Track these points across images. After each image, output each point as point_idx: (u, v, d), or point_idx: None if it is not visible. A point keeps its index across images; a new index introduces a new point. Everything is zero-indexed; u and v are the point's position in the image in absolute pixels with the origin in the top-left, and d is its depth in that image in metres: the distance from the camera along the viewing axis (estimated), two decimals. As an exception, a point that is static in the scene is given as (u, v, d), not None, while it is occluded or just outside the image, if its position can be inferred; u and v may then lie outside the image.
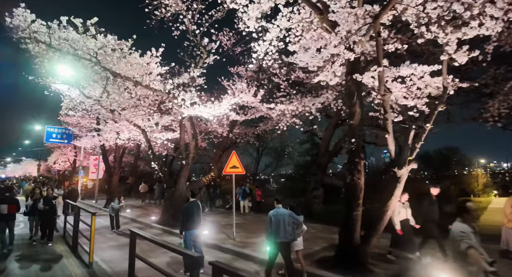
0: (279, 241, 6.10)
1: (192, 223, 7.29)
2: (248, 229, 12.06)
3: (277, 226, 6.13)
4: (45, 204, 9.62)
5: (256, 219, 14.41)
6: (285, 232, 6.10)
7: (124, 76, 10.52)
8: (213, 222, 13.55)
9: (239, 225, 12.53)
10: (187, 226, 7.26)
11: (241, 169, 10.35)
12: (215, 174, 14.12)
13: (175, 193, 12.83)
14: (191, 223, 7.27)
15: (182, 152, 13.07)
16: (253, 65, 10.71)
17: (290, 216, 6.21)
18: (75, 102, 19.18)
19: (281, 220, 6.14)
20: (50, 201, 9.84)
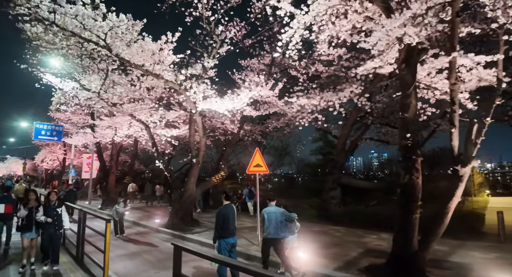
0: (271, 237, 6.34)
1: (227, 230, 6.08)
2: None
3: (269, 223, 6.35)
4: (47, 215, 6.56)
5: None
6: (277, 229, 6.30)
7: (134, 64, 9.18)
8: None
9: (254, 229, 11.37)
10: (223, 234, 6.05)
11: (265, 168, 9.23)
12: (225, 173, 12.89)
13: (184, 194, 11.54)
14: (226, 230, 6.07)
15: (192, 150, 11.79)
16: (278, 54, 9.56)
17: (283, 214, 6.37)
18: (68, 96, 17.67)
19: (274, 217, 6.34)
20: (55, 210, 6.70)
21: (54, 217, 6.65)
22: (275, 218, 6.36)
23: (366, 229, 11.03)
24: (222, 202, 6.39)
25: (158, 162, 12.62)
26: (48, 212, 6.64)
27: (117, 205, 10.59)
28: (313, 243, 8.87)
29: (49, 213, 6.62)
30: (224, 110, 10.64)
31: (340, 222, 11.85)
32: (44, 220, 6.49)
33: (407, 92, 6.88)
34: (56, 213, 6.74)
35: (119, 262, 7.75)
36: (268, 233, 6.38)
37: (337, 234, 10.60)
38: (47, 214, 6.60)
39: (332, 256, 7.89)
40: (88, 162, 19.80)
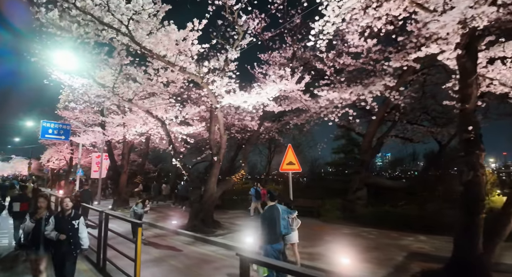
0: None
1: (274, 235, 5.31)
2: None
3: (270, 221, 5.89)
4: (60, 229, 4.75)
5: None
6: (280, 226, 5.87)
7: (156, 55, 8.40)
8: (240, 225, 11.52)
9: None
10: (269, 239, 5.28)
11: (297, 166, 8.48)
12: (246, 172, 12.10)
13: (205, 195, 10.76)
14: (273, 235, 5.29)
15: (212, 147, 11.01)
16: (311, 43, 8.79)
17: (285, 211, 6.12)
18: (77, 94, 16.92)
19: (275, 215, 5.88)
20: (70, 222, 4.89)
21: (69, 233, 4.79)
22: (276, 215, 5.96)
23: (398, 230, 10.28)
24: (266, 203, 5.60)
25: (175, 161, 11.82)
26: (62, 225, 4.78)
27: (134, 206, 9.77)
28: (350, 246, 8.15)
29: (63, 227, 4.77)
30: (249, 105, 9.88)
31: (368, 224, 11.07)
32: (55, 236, 4.68)
33: (468, 81, 6.15)
34: (72, 227, 4.86)
35: (145, 269, 6.94)
36: None
37: (370, 236, 9.83)
38: (59, 228, 4.76)
39: (376, 261, 7.17)
40: (97, 161, 18.99)
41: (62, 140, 22.91)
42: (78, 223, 4.97)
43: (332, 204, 12.23)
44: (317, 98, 10.94)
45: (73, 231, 4.86)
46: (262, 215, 5.43)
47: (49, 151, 29.27)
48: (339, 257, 7.12)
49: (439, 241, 9.06)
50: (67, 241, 4.76)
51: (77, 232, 4.92)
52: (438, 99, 15.27)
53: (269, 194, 5.57)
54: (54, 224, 4.78)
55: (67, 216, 4.91)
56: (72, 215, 4.95)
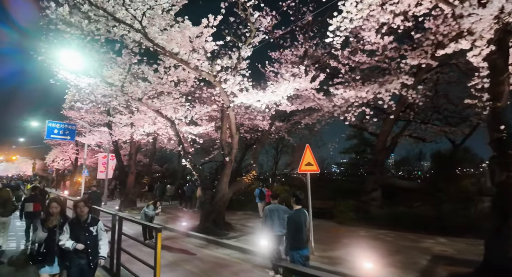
0: (274, 234, 6.41)
1: (301, 240, 5.02)
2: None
3: (272, 220, 6.43)
4: (77, 238, 4.15)
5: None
6: (279, 226, 6.30)
7: (169, 52, 8.10)
8: (252, 227, 11.23)
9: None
10: (296, 244, 4.99)
11: (316, 167, 8.20)
12: (257, 173, 11.80)
13: (216, 196, 10.48)
14: (300, 240, 5.00)
15: (224, 147, 10.71)
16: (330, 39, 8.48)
17: (285, 211, 6.37)
18: (84, 93, 16.66)
19: (276, 215, 6.42)
20: (87, 229, 4.27)
21: (87, 241, 4.15)
22: (277, 215, 6.44)
23: (416, 232, 10.01)
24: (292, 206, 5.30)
25: (184, 161, 11.55)
26: (78, 233, 4.16)
27: (146, 208, 9.50)
28: (369, 250, 7.86)
29: (80, 236, 4.15)
30: (262, 104, 9.60)
31: (384, 225, 10.76)
32: (71, 246, 4.03)
33: (500, 78, 5.86)
34: (90, 235, 4.22)
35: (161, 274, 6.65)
36: (275, 231, 6.41)
37: (388, 238, 9.52)
38: (76, 236, 4.13)
39: (400, 265, 6.88)
40: (103, 161, 18.72)
41: (68, 140, 22.68)
42: (97, 229, 4.33)
43: (345, 206, 11.89)
44: (331, 97, 10.63)
45: (91, 239, 4.23)
46: (288, 218, 5.13)
47: (54, 151, 29.04)
48: (361, 261, 6.83)
49: (460, 243, 8.78)
50: (85, 251, 4.14)
51: (96, 240, 4.28)
52: (450, 98, 14.97)
53: (295, 197, 5.25)
54: (69, 232, 4.14)
55: (83, 222, 4.25)
56: (89, 220, 4.30)
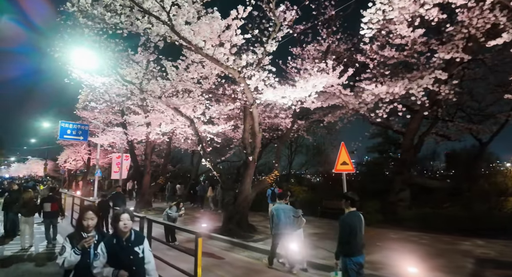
0: (280, 232, 6.53)
1: (356, 246, 4.54)
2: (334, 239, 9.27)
3: (278, 220, 6.51)
4: (116, 262, 2.98)
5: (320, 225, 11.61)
6: (285, 225, 6.48)
7: (195, 46, 7.66)
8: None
9: (317, 235, 9.80)
10: (350, 250, 4.50)
11: (351, 167, 7.72)
12: (279, 173, 11.32)
13: (239, 196, 10.02)
14: (354, 246, 4.51)
15: (246, 146, 10.25)
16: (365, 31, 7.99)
17: (291, 210, 6.57)
18: (98, 93, 16.35)
19: (282, 214, 6.50)
20: (132, 250, 3.08)
21: (132, 267, 2.99)
22: (284, 214, 6.54)
23: (448, 234, 9.49)
24: (345, 210, 4.81)
25: (204, 161, 11.09)
26: (119, 256, 2.99)
27: (168, 209, 9.06)
28: (407, 253, 7.44)
29: (121, 259, 2.99)
30: (288, 101, 9.14)
31: (413, 227, 10.25)
32: (112, 275, 2.90)
33: None
34: (135, 258, 3.05)
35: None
36: (278, 229, 6.55)
37: (422, 241, 8.99)
38: (116, 260, 2.97)
39: (447, 270, 6.43)
40: (117, 161, 18.38)
41: (81, 140, 22.39)
42: (143, 249, 3.12)
43: (372, 207, 11.38)
44: (359, 93, 10.14)
45: (137, 263, 3.03)
46: (341, 222, 4.64)
47: (66, 151, 28.81)
48: (403, 265, 6.32)
49: (498, 245, 8.29)
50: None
51: (142, 264, 3.08)
52: (474, 95, 14.39)
53: (350, 200, 4.75)
54: (106, 255, 2.94)
55: (125, 241, 3.04)
56: (132, 238, 3.09)
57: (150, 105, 14.32)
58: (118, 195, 10.00)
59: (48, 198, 8.66)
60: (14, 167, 48.72)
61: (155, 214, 14.93)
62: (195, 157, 22.36)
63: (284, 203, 6.82)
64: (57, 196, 9.52)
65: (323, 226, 11.45)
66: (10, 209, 9.73)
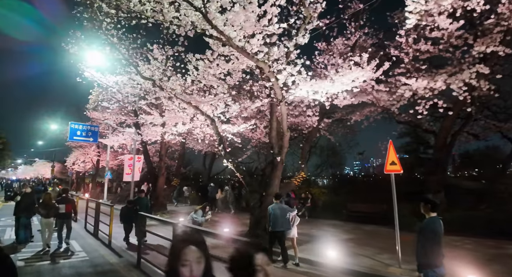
0: (277, 230, 6.82)
1: (438, 256, 3.83)
2: (372, 245, 8.56)
3: (275, 218, 6.82)
4: None
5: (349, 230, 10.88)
6: (282, 223, 6.80)
7: (227, 37, 6.98)
8: (303, 235, 10.05)
9: (352, 241, 9.07)
10: (433, 261, 3.81)
11: (399, 167, 7.05)
12: (306, 174, 10.60)
13: (266, 199, 9.29)
14: (437, 256, 3.81)
15: (274, 146, 9.53)
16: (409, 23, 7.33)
17: (286, 210, 6.92)
18: (110, 92, 15.72)
19: (279, 213, 6.82)
20: None
21: None
22: (280, 213, 6.86)
23: (492, 238, 8.80)
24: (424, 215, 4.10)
25: (226, 162, 10.37)
26: None
27: (193, 213, 8.37)
28: (458, 259, 6.83)
29: None
30: (322, 96, 8.47)
31: (453, 231, 9.39)
32: None
33: None
34: None
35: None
36: (275, 227, 6.84)
37: (467, 246, 8.34)
38: None
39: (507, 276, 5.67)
40: (129, 163, 17.63)
41: (91, 142, 21.74)
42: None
43: (406, 209, 10.65)
44: (392, 89, 9.46)
45: None
46: (424, 228, 3.96)
47: (74, 153, 28.12)
48: (461, 273, 5.72)
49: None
50: None
51: None
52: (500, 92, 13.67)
53: (430, 204, 4.05)
54: None
55: None
56: None
57: (165, 104, 13.66)
58: (140, 200, 9.18)
59: (63, 200, 8.67)
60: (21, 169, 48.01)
61: (171, 217, 14.21)
62: (207, 158, 21.67)
63: (279, 203, 7.11)
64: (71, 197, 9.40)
65: (353, 230, 10.72)
66: (23, 213, 9.07)
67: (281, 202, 7.27)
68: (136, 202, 8.96)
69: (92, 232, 10.43)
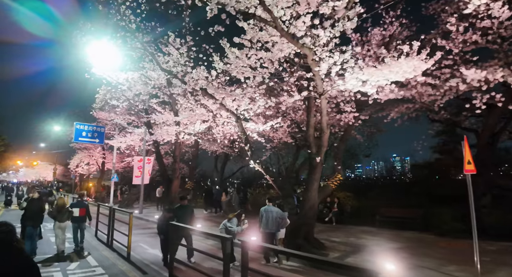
0: (268, 231, 7.11)
1: None
2: (428, 255, 7.38)
3: (267, 220, 7.10)
4: None
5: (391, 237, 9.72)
6: (272, 225, 7.08)
7: (273, 17, 5.85)
8: (343, 243, 8.89)
9: (402, 251, 7.88)
10: None
11: (473, 167, 5.93)
12: (342, 177, 9.43)
13: (305, 205, 8.14)
14: None
15: (311, 145, 8.36)
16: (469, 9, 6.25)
17: (278, 212, 7.10)
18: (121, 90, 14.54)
19: (270, 215, 7.08)
20: None
21: None
22: (271, 216, 7.05)
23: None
24: None
25: (253, 163, 9.19)
26: None
27: (227, 222, 7.07)
28: None
29: None
30: (370, 89, 7.34)
31: (502, 236, 8.53)
32: None
33: None
34: None
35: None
36: (267, 228, 7.07)
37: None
38: None
39: None
40: (139, 165, 16.39)
41: (97, 143, 20.43)
42: None
43: (446, 214, 9.54)
44: (441, 82, 8.36)
45: None
46: None
47: (78, 155, 26.70)
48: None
49: None
50: None
51: None
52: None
53: None
54: None
55: None
56: None
57: (181, 102, 12.49)
58: (183, 208, 7.43)
59: (77, 204, 8.65)
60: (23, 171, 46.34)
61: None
62: (219, 160, 20.40)
63: (272, 206, 7.22)
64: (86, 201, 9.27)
65: (395, 238, 9.55)
66: (29, 222, 7.85)
67: (274, 205, 7.34)
68: (177, 211, 7.48)
69: (106, 242, 9.19)
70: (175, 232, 5.88)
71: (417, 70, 6.81)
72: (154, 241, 9.50)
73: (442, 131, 13.14)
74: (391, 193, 14.20)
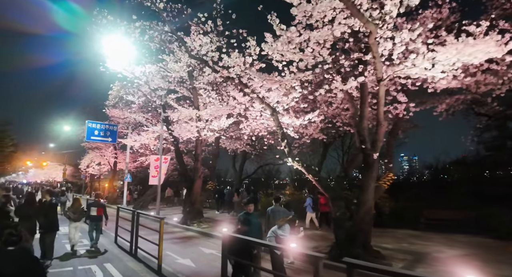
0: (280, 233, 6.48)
1: None
2: (505, 262, 6.17)
3: (274, 220, 6.49)
4: None
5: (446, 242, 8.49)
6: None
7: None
8: (396, 250, 7.69)
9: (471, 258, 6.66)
10: None
11: None
12: (394, 175, 8.22)
13: (361, 209, 6.91)
14: None
15: (365, 140, 7.14)
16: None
17: (284, 212, 6.71)
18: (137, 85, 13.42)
19: (278, 216, 6.59)
20: None
21: None
22: (278, 216, 6.57)
23: None
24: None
25: (290, 161, 8.00)
26: None
27: (278, 229, 5.87)
28: None
29: None
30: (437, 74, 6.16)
31: None
32: None
33: None
34: None
35: None
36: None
37: None
38: None
39: None
40: (156, 165, 15.21)
41: (109, 142, 19.32)
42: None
43: (504, 215, 8.36)
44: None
45: None
46: None
47: (89, 155, 25.57)
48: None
49: None
50: None
51: None
52: None
53: None
54: None
55: None
56: None
57: (203, 95, 11.32)
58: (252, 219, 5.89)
59: (95, 203, 8.86)
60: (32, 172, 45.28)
61: (209, 227, 11.78)
62: (237, 160, 19.23)
63: (279, 206, 6.96)
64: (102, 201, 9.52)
65: (452, 243, 8.35)
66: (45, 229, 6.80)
67: (280, 205, 7.03)
68: (245, 221, 5.84)
69: (129, 251, 7.99)
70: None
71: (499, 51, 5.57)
72: (180, 249, 8.42)
73: (494, 126, 11.77)
74: (431, 193, 12.99)
